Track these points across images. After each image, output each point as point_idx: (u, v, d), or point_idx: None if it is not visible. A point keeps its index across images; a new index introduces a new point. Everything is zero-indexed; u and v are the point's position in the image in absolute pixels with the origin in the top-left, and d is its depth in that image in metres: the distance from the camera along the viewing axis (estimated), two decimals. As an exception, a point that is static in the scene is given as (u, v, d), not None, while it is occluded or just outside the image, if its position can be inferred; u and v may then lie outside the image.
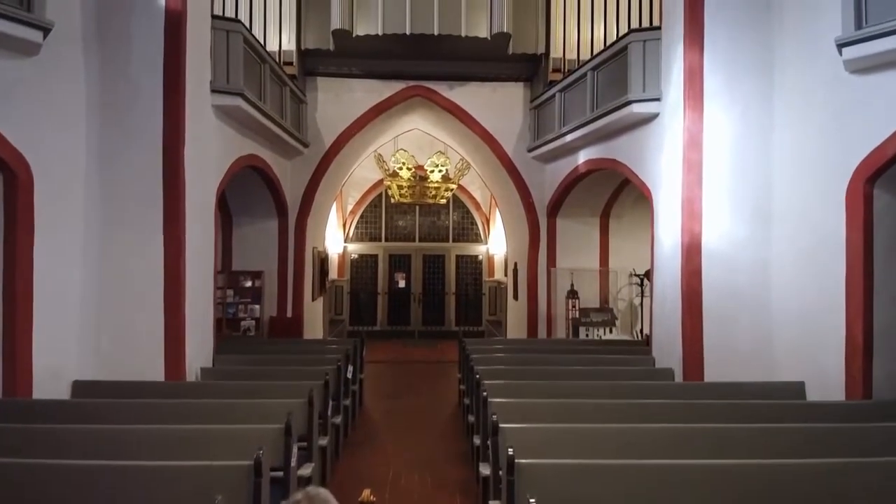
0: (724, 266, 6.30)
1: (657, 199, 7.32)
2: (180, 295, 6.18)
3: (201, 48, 6.83)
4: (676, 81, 6.77)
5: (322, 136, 10.97)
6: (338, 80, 10.96)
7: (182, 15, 6.17)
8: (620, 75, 7.81)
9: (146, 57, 6.12)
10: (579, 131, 8.97)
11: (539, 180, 11.09)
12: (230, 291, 10.46)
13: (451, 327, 17.14)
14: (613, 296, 10.97)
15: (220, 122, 7.41)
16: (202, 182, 6.85)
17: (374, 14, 9.61)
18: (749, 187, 6.28)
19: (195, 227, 6.52)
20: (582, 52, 10.27)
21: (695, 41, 6.40)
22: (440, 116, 11.65)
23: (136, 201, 6.09)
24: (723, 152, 6.35)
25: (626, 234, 11.02)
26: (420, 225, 17.48)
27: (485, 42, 9.94)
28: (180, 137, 6.22)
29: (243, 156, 8.38)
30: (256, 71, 8.12)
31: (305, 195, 10.88)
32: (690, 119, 6.40)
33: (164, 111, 6.15)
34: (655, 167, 7.39)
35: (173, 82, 6.17)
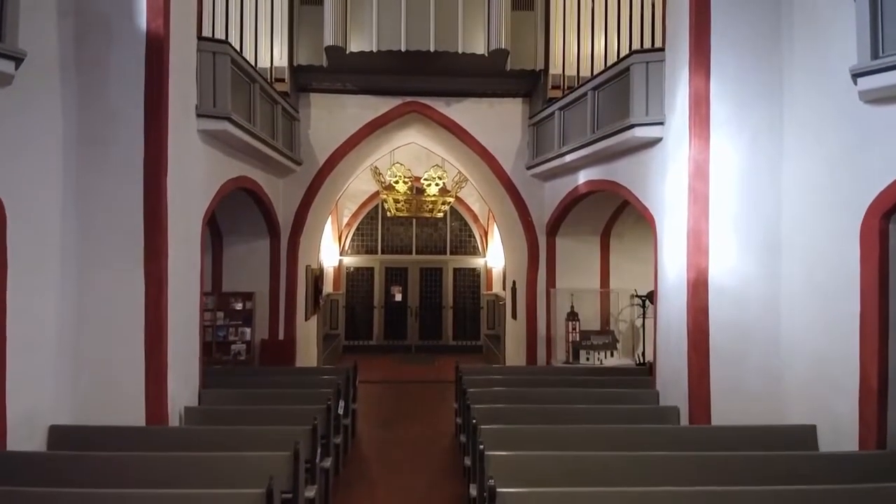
0: (731, 302, 6.03)
1: (661, 226, 7.04)
2: (162, 334, 5.89)
3: (186, 72, 6.55)
4: (681, 106, 6.49)
5: (315, 154, 10.69)
6: (331, 96, 10.68)
7: (164, 40, 5.89)
8: (622, 97, 7.54)
9: (127, 85, 5.84)
10: (579, 152, 8.70)
11: (538, 198, 10.82)
12: (220, 314, 10.18)
13: (448, 342, 16.88)
14: (615, 317, 10.70)
15: (206, 146, 7.13)
16: (187, 211, 6.57)
17: (369, 30, 9.33)
18: (758, 220, 6.02)
19: (179, 259, 6.24)
20: (582, 68, 10.00)
21: (701, 66, 6.13)
22: (437, 132, 11.37)
23: (115, 236, 5.80)
24: (730, 183, 6.08)
25: (627, 253, 10.75)
26: (417, 237, 17.21)
27: (482, 58, 9.66)
28: (162, 167, 5.93)
29: (232, 178, 8.11)
30: (245, 91, 7.84)
31: (298, 214, 10.60)
32: (696, 148, 6.12)
33: (145, 141, 5.86)
34: (658, 193, 7.12)
35: (155, 110, 5.89)
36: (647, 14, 10.05)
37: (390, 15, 9.25)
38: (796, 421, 5.71)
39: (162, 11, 5.85)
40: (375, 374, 13.54)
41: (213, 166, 7.42)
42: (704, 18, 6.11)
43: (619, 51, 10.00)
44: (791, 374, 5.86)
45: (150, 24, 5.82)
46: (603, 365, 9.93)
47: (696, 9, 6.15)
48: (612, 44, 10.02)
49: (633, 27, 10.00)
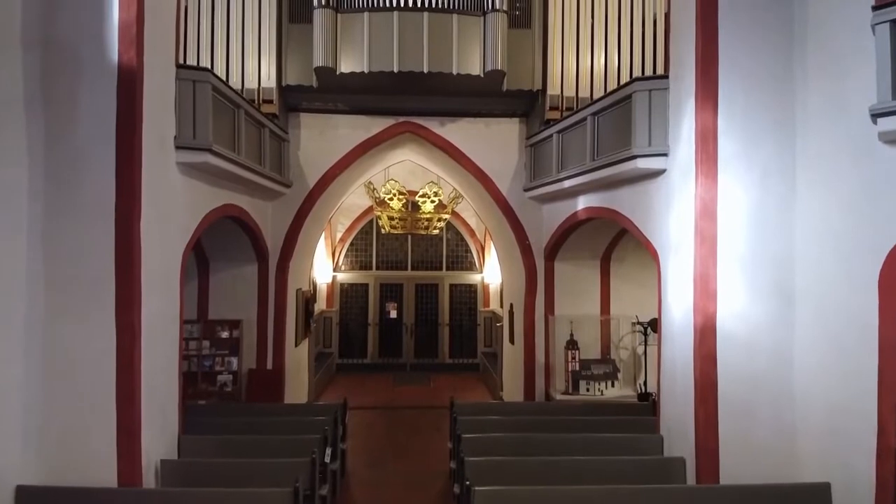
0: (741, 350, 5.68)
1: (665, 262, 6.69)
2: (135, 387, 5.52)
3: (163, 103, 6.19)
4: (687, 139, 6.15)
5: (305, 175, 10.33)
6: (322, 115, 10.32)
7: (137, 71, 5.52)
8: (623, 124, 7.19)
9: (97, 121, 5.47)
10: (578, 178, 8.35)
11: (536, 221, 10.46)
12: (206, 343, 9.81)
13: (444, 360, 16.53)
14: (615, 344, 10.36)
15: (186, 178, 6.76)
16: (164, 251, 6.20)
17: (360, 51, 8.98)
18: (769, 264, 5.67)
19: (154, 304, 5.87)
20: (581, 88, 9.65)
21: (708, 100, 5.78)
22: (432, 151, 11.03)
23: (84, 284, 5.43)
24: (739, 224, 5.73)
25: (628, 277, 10.41)
26: (412, 253, 16.85)
27: (478, 79, 9.32)
28: (135, 210, 5.57)
29: (216, 207, 7.74)
30: (229, 117, 7.47)
31: (288, 238, 10.23)
32: (703, 186, 5.77)
33: (116, 181, 5.50)
34: (662, 227, 6.77)
35: (127, 146, 5.52)
36: (648, 34, 9.71)
37: (382, 36, 8.91)
38: (810, 478, 5.37)
39: (135, 42, 5.48)
40: (368, 398, 13.17)
41: (195, 197, 7.05)
42: (712, 49, 5.77)
43: (619, 71, 9.66)
44: (804, 429, 5.52)
45: (122, 55, 5.46)
46: (604, 396, 9.60)
47: (702, 39, 5.80)
48: (613, 64, 9.67)
49: (634, 47, 9.65)
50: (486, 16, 9.17)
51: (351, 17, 9.07)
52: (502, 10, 9.10)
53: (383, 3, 8.99)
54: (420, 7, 8.98)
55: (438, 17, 9.04)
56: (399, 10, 8.96)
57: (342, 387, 14.25)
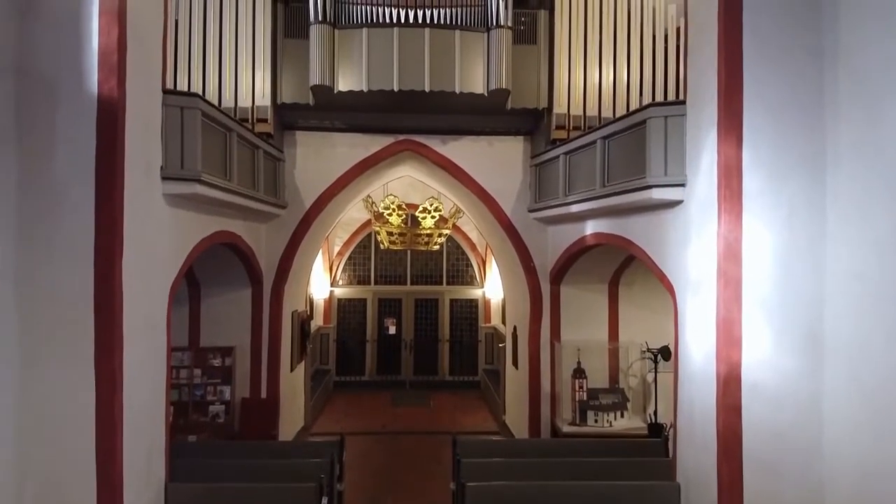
0: (768, 402, 5.30)
1: (682, 300, 6.31)
2: (116, 441, 5.12)
3: (148, 132, 5.79)
4: (707, 171, 5.76)
5: (301, 196, 9.93)
6: (319, 134, 9.92)
7: (119, 101, 5.12)
8: (637, 151, 6.81)
9: (75, 153, 5.08)
10: (587, 204, 7.98)
11: (541, 243, 10.08)
12: (197, 371, 9.41)
13: (444, 377, 16.13)
14: (624, 371, 9.97)
15: (174, 209, 6.35)
16: (149, 290, 5.80)
17: (358, 70, 8.59)
18: (797, 310, 5.29)
19: (138, 349, 5.47)
20: (588, 107, 9.25)
21: (732, 131, 5.40)
22: (433, 169, 10.64)
23: (61, 331, 5.04)
24: (766, 265, 5.35)
25: (637, 301, 10.02)
26: (412, 267, 16.45)
27: (481, 97, 8.94)
28: (117, 247, 5.17)
29: (207, 236, 7.34)
30: (220, 142, 7.07)
31: (283, 260, 9.83)
32: (727, 224, 5.39)
33: (96, 217, 5.10)
34: (679, 262, 6.38)
35: (108, 181, 5.12)
36: (659, 50, 9.33)
37: (381, 54, 8.53)
38: (842, 541, 5.00)
39: (116, 69, 5.09)
40: (366, 421, 12.77)
41: (183, 228, 6.65)
42: (736, 78, 5.38)
43: (628, 89, 9.27)
44: (834, 488, 5.14)
45: (103, 84, 5.06)
46: (612, 427, 9.21)
47: (726, 68, 5.42)
48: (622, 81, 9.27)
49: (644, 64, 9.26)
50: (490, 32, 8.78)
51: (349, 32, 8.68)
52: (507, 26, 8.71)
53: (383, 19, 8.61)
54: (421, 23, 8.60)
55: (440, 33, 8.66)
56: (399, 26, 8.58)
57: (339, 408, 13.85)
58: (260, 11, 8.89)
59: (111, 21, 5.03)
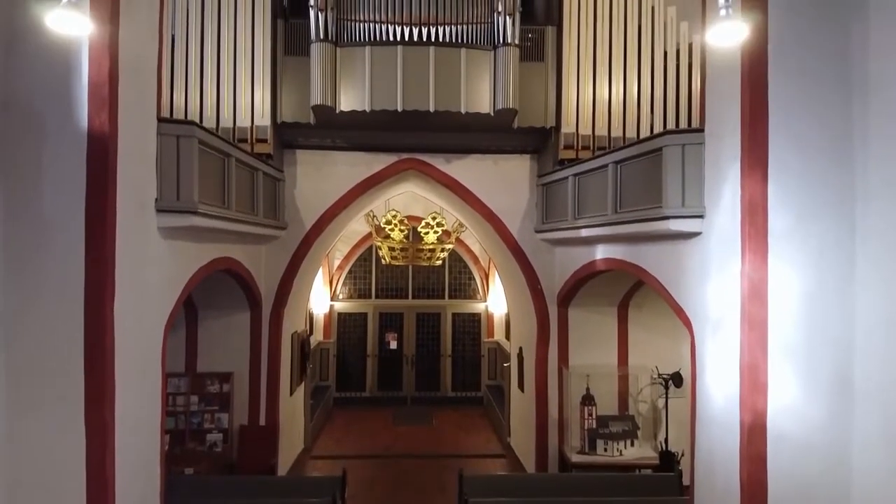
0: (795, 452, 5.03)
1: (701, 338, 6.04)
2: (107, 492, 4.85)
3: (142, 164, 5.52)
4: (730, 206, 5.49)
5: (302, 215, 9.64)
6: (320, 152, 9.64)
7: (110, 135, 4.85)
8: (652, 178, 6.54)
9: (64, 191, 4.81)
10: (598, 229, 7.72)
11: (548, 264, 9.80)
12: (194, 398, 9.12)
13: (447, 392, 15.85)
14: (634, 397, 9.70)
15: (170, 241, 6.08)
16: (143, 328, 5.53)
17: (361, 89, 8.32)
18: (826, 354, 5.03)
19: (131, 393, 5.19)
20: (598, 126, 8.96)
21: (756, 167, 5.13)
22: (437, 187, 10.36)
23: (49, 377, 4.77)
24: (792, 308, 5.08)
25: (647, 324, 9.75)
26: (413, 280, 16.17)
27: (487, 117, 8.67)
28: (108, 289, 4.89)
29: (204, 265, 7.07)
30: (219, 168, 6.80)
31: (283, 283, 9.54)
32: (752, 264, 5.12)
33: (86, 256, 4.83)
34: (697, 296, 6.12)
35: (99, 218, 4.85)
36: (670, 67, 9.05)
37: (385, 73, 8.25)
38: None
39: (107, 103, 4.81)
40: (366, 441, 12.49)
41: (179, 259, 6.37)
42: (761, 110, 5.12)
43: (639, 108, 8.99)
44: (867, 544, 4.88)
45: (93, 119, 4.78)
46: (623, 456, 8.94)
47: (750, 98, 5.15)
48: (632, 100, 8.98)
49: (655, 82, 8.98)
50: (497, 50, 8.51)
51: (351, 51, 8.40)
52: (514, 44, 8.44)
53: (386, 37, 8.33)
54: (426, 41, 8.33)
55: (445, 51, 8.39)
56: (403, 45, 8.31)
57: (340, 427, 13.57)
58: (259, 28, 8.59)
59: (102, 53, 4.76)
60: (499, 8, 8.36)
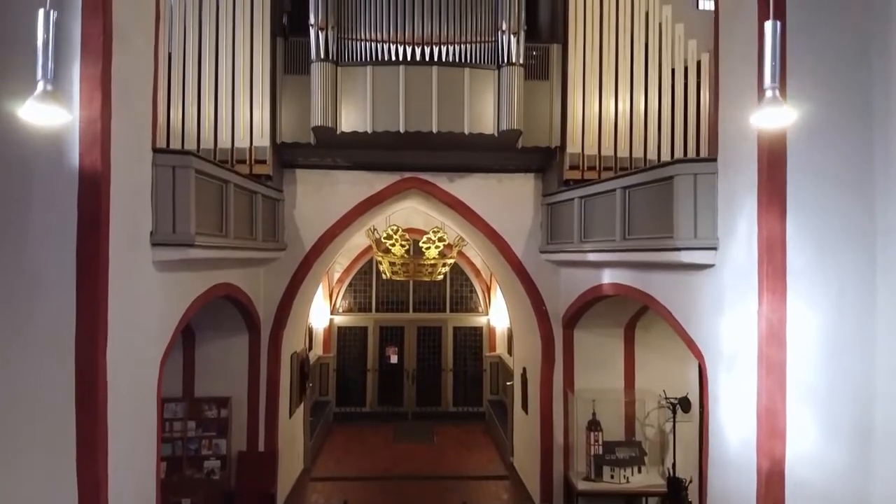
0: (813, 500, 4.84)
1: (714, 374, 5.86)
2: (100, 545, 4.66)
3: (136, 198, 5.33)
4: (745, 241, 5.31)
5: (301, 236, 9.44)
6: (320, 171, 9.43)
7: (102, 173, 4.66)
8: (662, 207, 6.35)
9: (53, 232, 4.62)
10: (606, 254, 7.54)
11: (553, 285, 9.59)
12: (191, 424, 8.91)
13: (448, 408, 15.65)
14: (640, 420, 9.50)
15: (165, 274, 5.88)
16: (137, 370, 5.34)
17: (362, 110, 8.13)
18: (846, 399, 4.85)
19: (124, 439, 4.99)
20: (604, 146, 8.78)
21: (775, 203, 4.95)
22: (440, 206, 10.17)
23: (38, 428, 4.56)
24: (811, 351, 4.90)
25: (655, 346, 9.54)
26: (414, 294, 15.97)
27: (491, 137, 8.49)
28: (100, 332, 4.71)
29: (201, 294, 6.87)
30: (216, 195, 6.61)
31: (282, 305, 9.33)
32: (770, 305, 4.94)
33: (77, 301, 4.63)
34: (710, 331, 5.93)
35: (90, 260, 4.66)
36: (678, 85, 8.88)
37: (387, 93, 8.07)
38: None
39: (100, 140, 4.62)
40: (366, 460, 12.30)
41: (174, 291, 6.17)
42: (778, 142, 4.93)
43: (646, 128, 8.81)
44: None
45: (84, 157, 4.60)
46: (630, 483, 8.75)
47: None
48: (639, 119, 8.80)
49: (663, 102, 8.81)
50: (501, 69, 8.32)
51: (352, 70, 8.21)
52: (518, 63, 8.25)
53: (388, 57, 8.14)
54: (429, 60, 8.14)
55: (449, 71, 8.20)
56: (406, 64, 8.12)
57: (340, 445, 13.38)
58: (258, 46, 8.41)
59: (94, 88, 4.57)
60: (503, 27, 8.17)
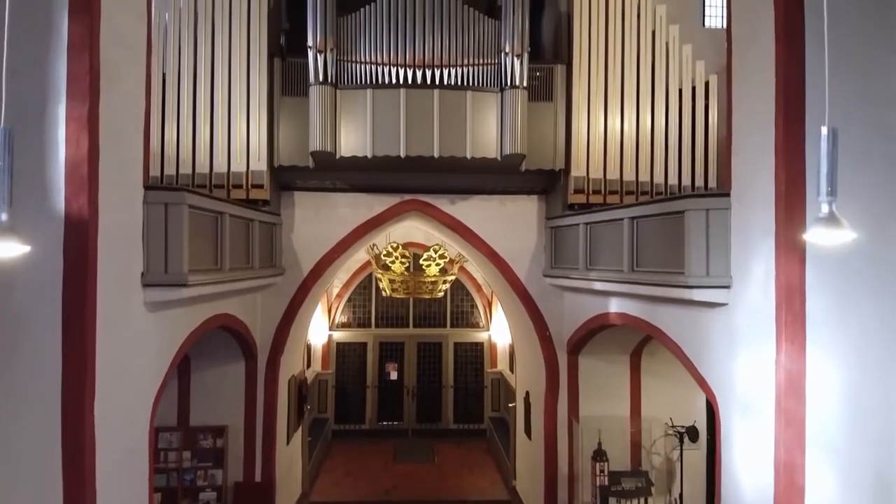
0: (836, 560, 4.63)
1: (727, 419, 5.64)
2: None
3: (127, 241, 5.12)
4: (761, 285, 5.09)
5: (300, 259, 9.22)
6: (319, 194, 9.23)
7: (89, 219, 4.44)
8: (672, 240, 6.14)
9: (38, 281, 4.39)
10: (613, 285, 7.33)
11: (557, 309, 9.38)
12: (187, 454, 8.69)
13: (449, 425, 15.42)
14: (647, 448, 9.29)
15: (157, 313, 5.66)
16: (127, 419, 5.12)
17: (362, 135, 7.93)
18: (867, 453, 4.63)
19: (114, 494, 4.77)
20: (609, 169, 8.57)
21: (794, 248, 4.73)
22: (441, 227, 9.96)
23: (23, 482, 4.34)
24: (832, 403, 4.68)
25: (661, 373, 9.32)
26: (414, 309, 15.74)
27: (494, 161, 8.27)
28: (87, 384, 4.49)
29: (196, 327, 6.64)
30: (211, 227, 6.40)
31: (279, 331, 9.11)
32: (789, 355, 4.72)
33: (63, 353, 4.41)
34: (723, 371, 5.72)
35: (77, 309, 4.45)
36: (686, 108, 8.67)
37: (387, 118, 7.88)
38: None
39: (86, 183, 4.41)
40: (366, 482, 12.07)
41: (167, 330, 5.95)
42: (798, 186, 4.72)
43: (652, 151, 8.61)
44: None
45: (71, 202, 4.38)
46: (635, 516, 8.54)
47: (786, 172, 4.75)
48: (645, 142, 8.60)
49: (670, 124, 8.60)
50: (504, 92, 8.11)
51: (352, 93, 8.00)
52: (522, 86, 8.04)
53: (389, 80, 7.93)
54: (430, 83, 7.93)
55: (450, 94, 8.00)
56: (406, 87, 7.91)
57: (339, 465, 13.15)
58: (255, 67, 8.19)
59: (80, 128, 4.35)
60: (506, 49, 7.96)
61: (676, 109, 8.60)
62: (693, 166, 8.57)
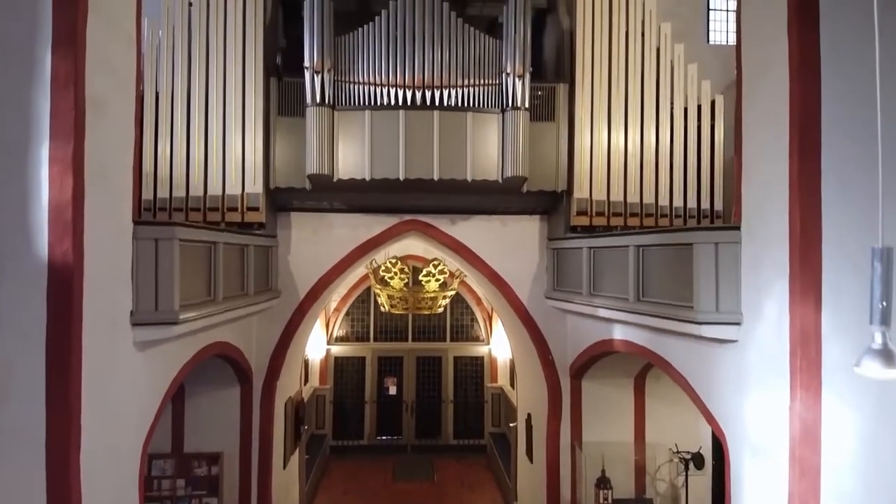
0: None
1: (737, 460, 5.45)
2: None
3: (115, 281, 4.92)
4: (774, 324, 4.91)
5: (296, 282, 9.03)
6: (316, 215, 9.03)
7: (75, 264, 4.24)
8: (681, 272, 5.97)
9: (20, 327, 4.19)
10: (618, 313, 7.14)
11: (559, 331, 9.19)
12: (181, 482, 8.49)
13: (448, 440, 15.21)
14: (651, 475, 9.10)
15: (147, 352, 5.46)
16: (116, 464, 4.92)
17: (360, 157, 7.75)
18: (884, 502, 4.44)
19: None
20: (613, 191, 8.38)
21: (810, 292, 4.54)
22: (441, 247, 9.77)
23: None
24: (848, 453, 4.50)
25: (665, 397, 9.13)
26: (413, 322, 15.53)
27: (495, 184, 8.09)
28: (73, 433, 4.29)
29: (189, 359, 6.44)
30: (204, 258, 6.21)
31: (275, 356, 8.91)
32: (804, 403, 4.54)
33: (47, 399, 4.22)
34: (733, 409, 5.53)
35: (61, 355, 4.25)
36: (691, 128, 8.49)
37: (386, 142, 7.70)
38: None
39: (71, 227, 4.21)
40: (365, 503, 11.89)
41: (158, 367, 5.75)
42: (814, 229, 4.53)
43: (657, 172, 8.42)
44: None
45: (55, 246, 4.18)
46: (640, 546, 8.35)
47: (801, 209, 4.56)
48: (650, 163, 8.41)
49: (675, 145, 8.42)
50: (505, 113, 7.93)
51: (350, 115, 7.81)
52: (524, 107, 7.85)
53: (387, 101, 7.74)
54: (430, 105, 7.74)
55: (451, 115, 7.82)
56: (406, 109, 7.72)
57: (337, 483, 12.96)
58: (251, 87, 7.99)
59: (64, 170, 4.15)
60: (507, 69, 7.77)
61: (682, 130, 8.42)
62: (699, 188, 8.39)
